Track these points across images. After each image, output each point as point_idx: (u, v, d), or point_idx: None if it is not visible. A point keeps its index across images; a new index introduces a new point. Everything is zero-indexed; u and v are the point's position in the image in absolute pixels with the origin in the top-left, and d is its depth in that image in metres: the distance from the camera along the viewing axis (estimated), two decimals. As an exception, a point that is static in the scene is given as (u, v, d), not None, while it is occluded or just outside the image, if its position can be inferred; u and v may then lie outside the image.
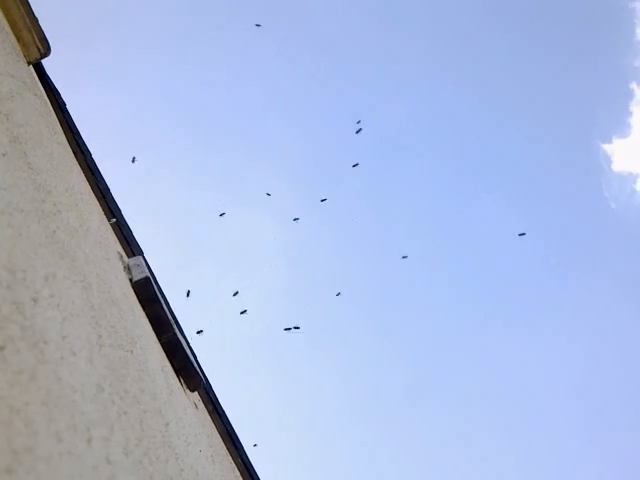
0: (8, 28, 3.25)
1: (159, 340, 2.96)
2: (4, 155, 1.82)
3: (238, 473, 3.47)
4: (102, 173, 3.76)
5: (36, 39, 3.40)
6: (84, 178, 3.29)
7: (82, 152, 3.58)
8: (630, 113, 22.56)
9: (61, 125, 3.51)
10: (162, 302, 3.11)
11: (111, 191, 3.70)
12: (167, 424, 2.18)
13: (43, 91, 3.50)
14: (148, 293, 2.92)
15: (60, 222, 1.95)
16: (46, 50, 3.45)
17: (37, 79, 3.52)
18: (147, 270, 3.14)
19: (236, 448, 3.56)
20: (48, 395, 1.14)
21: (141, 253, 3.59)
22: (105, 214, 3.55)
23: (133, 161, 11.49)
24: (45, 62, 3.72)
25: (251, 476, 3.53)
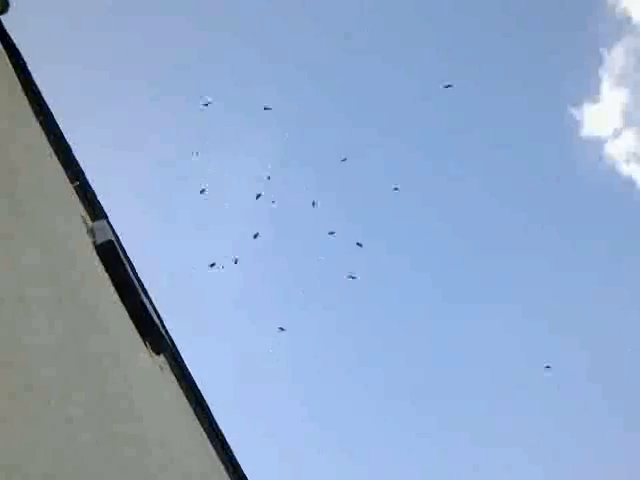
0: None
1: (124, 303, 2.96)
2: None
3: (204, 432, 3.51)
4: (66, 136, 3.69)
5: (-7, -5, 3.29)
6: (45, 140, 3.23)
7: (44, 113, 3.50)
8: (599, 79, 22.73)
9: (22, 86, 3.42)
10: (127, 266, 3.10)
11: (74, 154, 3.64)
12: (130, 386, 2.19)
13: (2, 49, 3.41)
14: (112, 256, 2.91)
15: (18, 182, 1.93)
16: (4, 7, 3.34)
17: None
18: (111, 233, 3.12)
19: (202, 409, 3.60)
20: (2, 354, 1.14)
21: (105, 217, 3.56)
22: (68, 177, 3.49)
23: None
24: (5, 19, 3.60)
25: (217, 435, 3.58)
